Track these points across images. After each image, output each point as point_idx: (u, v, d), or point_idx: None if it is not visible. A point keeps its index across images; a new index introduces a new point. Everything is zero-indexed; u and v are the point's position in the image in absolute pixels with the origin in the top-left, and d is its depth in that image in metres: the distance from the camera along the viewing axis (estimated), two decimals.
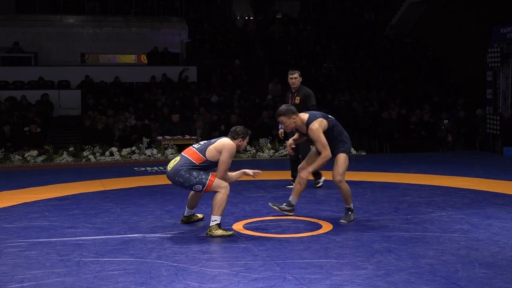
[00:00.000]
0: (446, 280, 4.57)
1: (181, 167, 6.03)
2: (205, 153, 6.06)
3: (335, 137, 6.51)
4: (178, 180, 6.03)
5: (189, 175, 5.98)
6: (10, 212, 7.48)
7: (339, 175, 6.45)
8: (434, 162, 12.07)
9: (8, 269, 4.97)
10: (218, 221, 6.00)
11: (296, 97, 8.99)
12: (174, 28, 23.05)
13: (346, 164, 6.52)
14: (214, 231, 5.96)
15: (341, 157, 6.48)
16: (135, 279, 4.66)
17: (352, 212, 6.66)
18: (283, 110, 6.49)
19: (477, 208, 7.31)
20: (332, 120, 6.58)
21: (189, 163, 6.04)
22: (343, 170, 6.47)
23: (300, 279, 4.61)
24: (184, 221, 6.65)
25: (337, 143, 6.52)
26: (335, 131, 6.53)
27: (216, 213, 5.99)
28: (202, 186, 5.99)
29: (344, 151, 6.51)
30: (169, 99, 17.82)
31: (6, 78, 19.20)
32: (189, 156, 6.10)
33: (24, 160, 13.04)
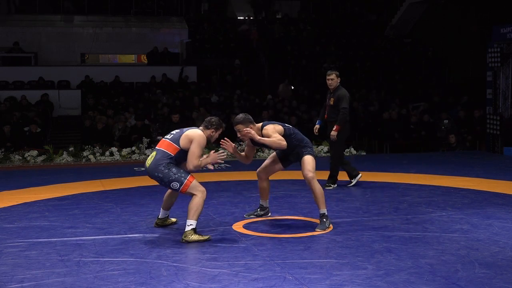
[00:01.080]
0: (446, 280, 4.57)
1: (159, 162, 5.88)
2: (179, 143, 5.93)
3: (294, 144, 6.38)
4: (158, 176, 5.88)
5: (168, 170, 5.84)
6: (10, 212, 7.48)
7: (310, 172, 6.26)
8: (434, 162, 12.06)
9: (8, 269, 4.97)
10: (193, 225, 5.81)
11: (331, 98, 8.91)
12: (174, 28, 23.05)
13: (314, 163, 6.37)
14: (189, 236, 5.77)
15: (307, 158, 6.34)
16: (135, 279, 4.66)
17: (327, 219, 6.33)
18: (241, 119, 6.26)
19: (477, 208, 7.32)
20: (289, 128, 6.44)
21: (166, 156, 5.90)
22: (312, 166, 6.30)
23: (300, 279, 4.61)
24: (158, 224, 6.48)
25: (300, 149, 6.41)
26: (294, 139, 6.38)
27: (192, 217, 5.80)
28: (180, 184, 5.83)
29: (308, 153, 6.38)
30: (169, 99, 17.83)
31: (6, 78, 19.20)
32: (165, 149, 5.95)
33: (24, 160, 13.04)
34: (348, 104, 8.85)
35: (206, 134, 6.05)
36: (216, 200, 8.07)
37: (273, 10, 26.07)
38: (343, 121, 8.77)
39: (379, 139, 15.80)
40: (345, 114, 8.75)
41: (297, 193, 8.44)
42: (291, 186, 8.94)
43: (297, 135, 6.45)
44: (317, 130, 9.18)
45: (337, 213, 7.15)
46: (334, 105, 8.84)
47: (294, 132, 6.45)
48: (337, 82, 8.91)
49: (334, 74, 8.91)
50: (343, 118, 8.75)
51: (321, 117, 9.27)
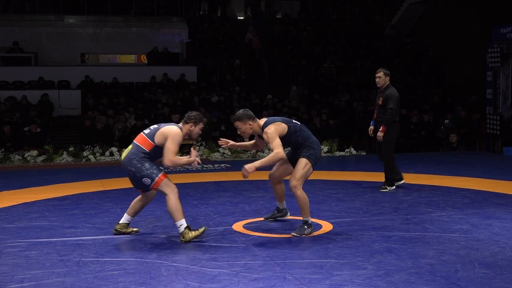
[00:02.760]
0: (446, 280, 4.57)
1: (133, 155, 5.80)
2: (153, 139, 5.82)
3: (300, 142, 6.10)
4: (131, 170, 5.77)
5: (141, 165, 5.74)
6: (10, 212, 7.48)
7: (295, 180, 5.96)
8: (434, 162, 12.06)
9: (8, 269, 4.97)
10: (184, 224, 5.72)
11: (380, 97, 8.69)
12: (174, 28, 23.04)
13: (306, 170, 6.01)
14: (187, 236, 5.69)
15: (302, 161, 6.02)
16: (135, 279, 4.66)
17: (308, 227, 6.03)
18: (239, 115, 6.04)
19: (477, 208, 7.32)
20: (295, 125, 6.15)
21: (141, 151, 5.81)
22: (300, 175, 5.97)
23: (300, 279, 4.61)
24: (118, 230, 6.16)
25: (303, 148, 6.10)
26: (300, 137, 6.09)
27: (177, 218, 5.72)
28: (151, 181, 5.71)
29: (306, 156, 6.04)
30: (169, 99, 17.83)
31: (6, 78, 19.20)
32: (140, 143, 5.86)
33: (24, 160, 13.04)
34: (397, 105, 8.52)
35: (185, 130, 5.89)
36: (216, 200, 8.07)
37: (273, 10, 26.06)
38: (389, 122, 8.52)
39: None
40: (392, 114, 8.49)
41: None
42: None
43: (303, 133, 6.14)
44: (371, 132, 8.92)
45: (337, 213, 7.15)
46: (382, 105, 8.59)
47: (301, 129, 6.16)
48: (385, 80, 8.62)
49: (382, 72, 8.63)
50: (389, 119, 8.50)
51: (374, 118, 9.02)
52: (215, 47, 22.38)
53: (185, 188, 9.03)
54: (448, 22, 22.15)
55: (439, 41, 22.57)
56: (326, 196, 8.30)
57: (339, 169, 11.42)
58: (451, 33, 21.91)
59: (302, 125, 6.28)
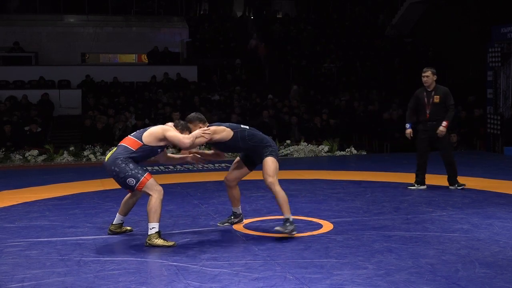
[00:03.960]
0: (446, 280, 4.56)
1: (118, 155, 5.67)
2: (141, 138, 5.76)
3: (254, 146, 5.99)
4: (114, 170, 5.63)
5: (126, 165, 5.61)
6: (10, 211, 7.48)
7: (269, 176, 5.88)
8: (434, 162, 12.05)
9: (9, 268, 4.97)
10: (156, 228, 5.59)
11: (434, 96, 8.57)
12: (175, 28, 23.04)
13: (275, 165, 5.94)
14: (154, 240, 5.55)
15: (268, 160, 5.93)
16: (135, 279, 4.66)
17: (291, 224, 5.87)
18: (190, 117, 5.98)
19: (477, 208, 7.31)
20: (243, 131, 5.99)
21: (126, 151, 5.70)
22: (272, 170, 5.89)
23: (301, 279, 4.61)
24: (112, 230, 6.14)
25: (260, 149, 5.99)
26: (250, 141, 5.97)
27: (152, 219, 5.57)
28: (136, 181, 5.59)
29: (270, 155, 5.95)
30: (170, 99, 17.83)
31: (7, 77, 19.20)
32: (126, 144, 5.76)
33: (24, 159, 13.05)
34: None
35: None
36: (216, 199, 8.07)
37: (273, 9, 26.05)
38: (452, 117, 8.58)
39: (380, 138, 15.80)
40: (454, 110, 8.55)
41: (297, 193, 8.43)
42: (291, 185, 8.91)
43: (254, 137, 6.01)
44: (411, 134, 8.83)
45: (337, 212, 7.15)
46: (440, 103, 8.50)
47: (251, 134, 6.02)
48: (433, 79, 8.56)
49: (430, 71, 8.57)
50: (452, 114, 8.53)
51: (411, 119, 8.91)
52: (216, 47, 22.38)
53: (185, 188, 9.04)
54: (448, 22, 22.14)
55: (439, 41, 22.56)
56: (326, 196, 8.30)
57: (340, 169, 11.42)
58: (451, 33, 21.90)
59: (252, 129, 6.16)
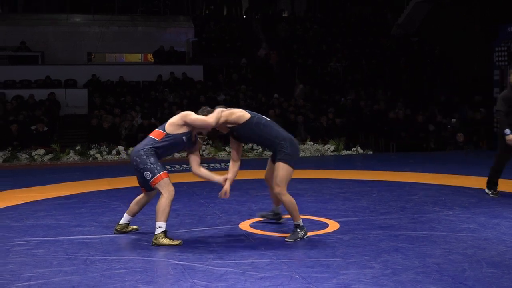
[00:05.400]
0: (453, 280, 4.55)
1: (142, 147, 5.78)
2: (164, 128, 5.83)
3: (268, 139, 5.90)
4: (135, 160, 5.72)
5: (147, 157, 5.69)
6: (17, 210, 7.51)
7: (277, 186, 5.80)
8: (441, 161, 12.04)
9: (16, 267, 4.99)
10: (163, 228, 5.63)
11: None
12: (181, 27, 23.06)
13: (285, 173, 5.79)
14: (160, 240, 5.59)
15: (278, 166, 5.80)
16: (142, 278, 4.67)
17: (301, 229, 5.84)
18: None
19: (484, 207, 7.29)
20: (261, 118, 5.99)
21: (151, 141, 5.78)
22: (280, 180, 5.78)
23: (307, 278, 4.60)
24: (118, 230, 6.16)
25: (275, 146, 5.88)
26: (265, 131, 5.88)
27: (160, 219, 5.62)
28: (152, 176, 5.65)
29: (281, 160, 5.80)
30: (176, 98, 17.84)
31: (13, 77, 19.26)
32: (151, 135, 5.85)
33: (31, 158, 13.09)
34: None
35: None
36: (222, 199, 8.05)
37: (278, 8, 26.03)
38: None
39: (386, 138, 15.78)
40: None
41: (303, 192, 8.43)
42: (298, 185, 8.91)
43: (269, 128, 5.91)
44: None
45: (343, 212, 7.14)
46: None
47: (267, 124, 5.95)
48: None
49: None
50: None
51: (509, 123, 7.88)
52: (222, 46, 22.38)
53: (191, 187, 9.05)
54: (454, 21, 22.06)
55: (445, 40, 22.49)
56: (333, 195, 8.30)
57: (346, 168, 11.41)
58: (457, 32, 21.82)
59: (273, 122, 6.08)
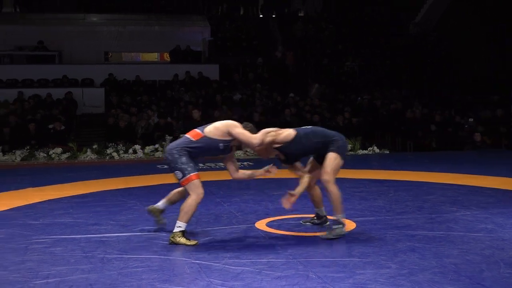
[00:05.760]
0: (470, 280, 4.52)
1: (177, 145, 5.72)
2: (203, 130, 5.77)
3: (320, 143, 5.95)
4: (168, 158, 5.70)
5: (179, 156, 5.63)
6: (35, 209, 7.56)
7: (326, 174, 5.84)
8: (458, 161, 11.96)
9: (34, 265, 5.02)
10: (182, 227, 5.61)
11: None
12: (197, 26, 23.09)
13: (336, 163, 5.87)
14: (177, 238, 5.58)
15: (330, 155, 5.88)
16: (158, 276, 4.68)
17: (338, 226, 5.84)
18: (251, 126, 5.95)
19: (502, 208, 7.23)
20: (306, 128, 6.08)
21: (187, 141, 5.72)
22: (331, 168, 5.83)
23: (323, 278, 4.59)
24: (150, 210, 6.19)
25: (327, 144, 5.93)
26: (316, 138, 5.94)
27: (181, 218, 5.61)
28: (182, 175, 5.60)
29: (333, 150, 5.89)
30: (192, 97, 17.88)
31: (31, 76, 19.41)
32: (188, 135, 5.81)
33: (48, 157, 13.18)
34: None
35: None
36: (239, 198, 8.08)
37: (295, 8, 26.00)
38: None
39: (402, 137, 15.71)
40: None
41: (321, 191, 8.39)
42: None
43: (317, 133, 6.00)
44: None
45: (360, 211, 7.12)
46: None
47: (313, 130, 6.06)
48: None
49: None
50: None
51: None
52: (238, 45, 22.39)
53: (208, 186, 9.02)
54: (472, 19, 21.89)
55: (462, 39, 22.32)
56: (349, 195, 8.26)
57: (362, 168, 11.37)
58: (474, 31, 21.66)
59: (315, 127, 6.20)
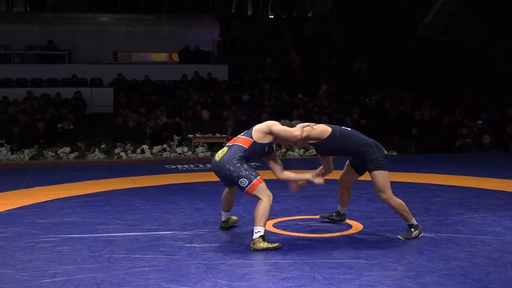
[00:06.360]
0: (477, 283, 4.51)
1: (234, 155, 5.59)
2: (251, 136, 5.70)
3: (354, 149, 5.92)
4: (228, 169, 5.54)
5: (240, 165, 5.54)
6: (43, 207, 7.59)
7: (383, 193, 5.85)
8: (466, 163, 11.92)
9: (41, 264, 5.04)
10: (262, 232, 5.45)
11: None
12: (206, 27, 23.13)
13: (384, 178, 5.82)
14: (258, 244, 5.41)
15: (375, 175, 5.83)
16: (165, 276, 4.69)
17: (415, 229, 5.88)
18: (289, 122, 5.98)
19: (510, 211, 7.20)
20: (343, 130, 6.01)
21: (241, 149, 5.62)
22: (382, 186, 5.80)
23: (330, 279, 4.59)
24: (223, 227, 6.26)
25: (362, 155, 5.90)
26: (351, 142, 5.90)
27: (259, 223, 5.46)
28: (249, 182, 5.51)
29: (375, 168, 5.83)
30: (200, 98, 17.91)
31: (41, 75, 19.50)
32: (239, 143, 5.68)
33: (57, 156, 13.22)
34: None
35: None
36: (246, 198, 8.05)
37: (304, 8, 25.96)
38: None
39: (411, 139, 15.67)
40: None
41: (327, 193, 8.39)
42: (322, 185, 8.87)
43: (354, 138, 5.94)
44: None
45: (367, 213, 7.11)
46: None
47: (350, 134, 5.97)
48: None
49: None
50: None
51: None
52: (247, 46, 22.40)
53: (215, 186, 9.05)
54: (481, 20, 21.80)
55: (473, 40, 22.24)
56: (356, 196, 8.22)
57: None
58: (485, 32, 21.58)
59: (354, 131, 6.12)
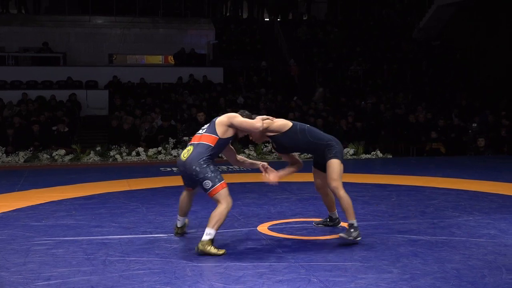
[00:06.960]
0: (472, 286, 4.52)
1: (200, 156, 5.48)
2: (216, 132, 5.60)
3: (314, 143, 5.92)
4: (194, 169, 5.43)
5: (207, 166, 5.45)
6: (37, 210, 7.57)
7: (333, 181, 5.81)
8: (461, 166, 11.95)
9: (35, 266, 5.03)
10: (211, 236, 5.35)
11: None
12: (201, 30, 23.15)
13: (339, 168, 5.84)
14: (206, 247, 5.31)
15: (332, 162, 5.84)
16: (160, 279, 4.69)
17: (355, 230, 5.77)
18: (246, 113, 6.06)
19: (505, 213, 7.22)
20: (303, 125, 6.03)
21: (207, 148, 5.52)
22: (337, 174, 5.81)
23: (325, 282, 4.59)
24: (179, 233, 6.09)
25: (322, 148, 5.92)
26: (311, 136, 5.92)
27: (212, 226, 5.35)
28: (212, 185, 5.40)
29: (333, 156, 5.85)
30: (196, 100, 17.90)
31: (36, 77, 19.47)
32: (204, 141, 5.57)
33: (52, 159, 13.20)
34: None
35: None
36: (241, 201, 8.08)
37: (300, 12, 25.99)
38: None
39: (406, 142, 15.69)
40: None
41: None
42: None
43: (314, 133, 5.97)
44: None
45: (362, 216, 7.11)
46: None
47: (311, 129, 6.01)
48: None
49: None
50: None
51: None
52: (242, 49, 22.41)
53: None
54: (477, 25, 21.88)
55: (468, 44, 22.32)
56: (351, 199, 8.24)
57: (365, 172, 11.36)
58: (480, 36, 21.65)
59: (313, 127, 6.15)
